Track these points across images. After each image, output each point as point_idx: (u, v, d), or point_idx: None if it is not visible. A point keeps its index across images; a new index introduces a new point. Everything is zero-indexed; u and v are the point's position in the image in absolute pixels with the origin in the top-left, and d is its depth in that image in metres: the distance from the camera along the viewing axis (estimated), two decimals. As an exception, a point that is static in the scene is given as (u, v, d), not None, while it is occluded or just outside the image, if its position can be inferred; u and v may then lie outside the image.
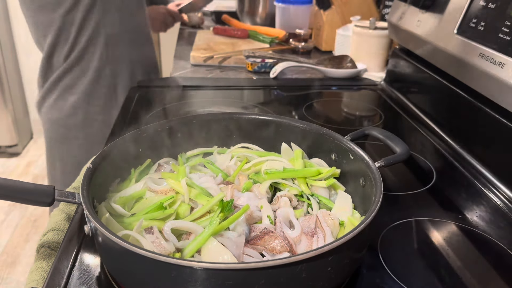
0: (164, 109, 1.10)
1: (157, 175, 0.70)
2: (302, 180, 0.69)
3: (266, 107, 1.15)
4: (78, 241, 0.64)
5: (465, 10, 0.90)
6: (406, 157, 0.69)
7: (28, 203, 0.55)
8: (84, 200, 0.53)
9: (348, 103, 1.28)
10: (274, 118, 0.78)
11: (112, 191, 0.67)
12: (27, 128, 3.22)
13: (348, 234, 0.49)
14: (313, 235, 0.57)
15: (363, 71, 1.39)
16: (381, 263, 0.61)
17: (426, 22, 1.04)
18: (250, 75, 1.39)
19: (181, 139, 0.77)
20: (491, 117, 0.83)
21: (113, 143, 0.67)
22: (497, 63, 0.77)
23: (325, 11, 1.59)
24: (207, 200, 0.61)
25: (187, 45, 1.73)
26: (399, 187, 0.81)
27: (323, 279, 0.51)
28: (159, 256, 0.45)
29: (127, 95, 1.20)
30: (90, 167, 0.60)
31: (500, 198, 0.77)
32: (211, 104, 1.18)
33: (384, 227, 0.68)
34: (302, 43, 1.64)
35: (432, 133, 1.02)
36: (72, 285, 0.56)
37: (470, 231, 0.69)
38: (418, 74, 1.13)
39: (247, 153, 0.76)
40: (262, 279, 0.46)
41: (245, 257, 0.54)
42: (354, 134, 0.74)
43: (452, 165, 0.89)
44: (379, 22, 1.40)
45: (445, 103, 1.01)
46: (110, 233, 0.48)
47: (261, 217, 0.60)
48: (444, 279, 0.59)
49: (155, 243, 0.53)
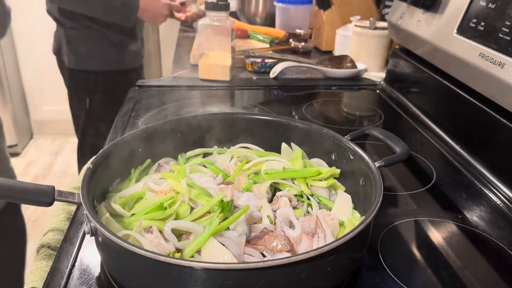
0: (164, 109, 1.10)
1: (157, 175, 0.70)
2: (302, 180, 0.69)
3: (266, 107, 1.15)
4: (78, 241, 0.64)
5: (465, 10, 0.90)
6: (406, 157, 0.69)
7: (28, 203, 0.55)
8: (84, 200, 0.53)
9: (348, 103, 1.28)
10: (274, 118, 0.78)
11: (112, 191, 0.67)
12: (27, 128, 3.22)
13: (348, 234, 0.49)
14: (314, 235, 0.57)
15: (363, 71, 1.39)
16: (381, 263, 0.61)
17: (426, 22, 1.04)
18: (250, 75, 1.39)
19: (181, 139, 0.77)
20: (491, 117, 0.83)
21: (113, 143, 0.67)
22: (497, 63, 0.77)
23: (325, 11, 1.59)
24: (207, 200, 0.61)
25: (187, 45, 1.74)
26: (399, 187, 0.81)
27: (323, 279, 0.51)
28: (159, 256, 0.45)
29: (127, 95, 1.20)
30: (90, 167, 0.60)
31: (500, 198, 0.77)
32: (211, 104, 1.18)
33: (384, 227, 0.68)
34: (302, 43, 1.64)
35: (432, 133, 1.02)
36: (72, 285, 0.56)
37: (470, 231, 0.69)
38: (418, 74, 1.13)
39: (247, 153, 0.76)
40: (262, 279, 0.46)
41: (246, 257, 0.54)
42: (354, 134, 0.74)
43: (452, 165, 0.89)
44: (379, 22, 1.40)
45: (445, 103, 1.01)
46: (110, 233, 0.48)
47: (261, 217, 0.60)
48: (444, 279, 0.59)
49: (154, 242, 0.53)
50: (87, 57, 1.77)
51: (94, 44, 1.75)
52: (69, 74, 1.83)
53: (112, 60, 1.81)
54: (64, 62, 1.81)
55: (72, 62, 1.78)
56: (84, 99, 1.84)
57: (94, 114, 1.87)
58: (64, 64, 1.82)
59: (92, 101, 1.85)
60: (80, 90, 1.85)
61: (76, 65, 1.78)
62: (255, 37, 1.73)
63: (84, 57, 1.77)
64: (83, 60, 1.77)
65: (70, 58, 1.77)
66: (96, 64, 1.79)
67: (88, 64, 1.78)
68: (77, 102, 1.88)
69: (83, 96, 1.85)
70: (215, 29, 1.21)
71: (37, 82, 3.10)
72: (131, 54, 1.86)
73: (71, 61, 1.78)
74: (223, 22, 1.21)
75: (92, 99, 1.84)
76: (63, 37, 1.77)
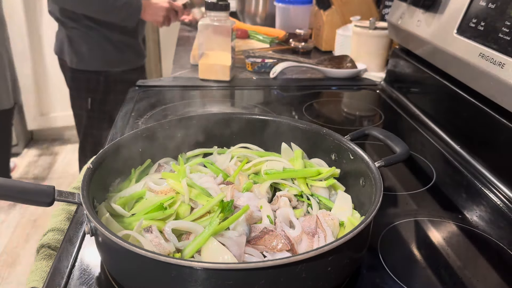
0: (164, 109, 1.10)
1: (157, 175, 0.70)
2: (302, 180, 0.69)
3: (266, 107, 1.15)
4: (78, 241, 0.64)
5: (465, 10, 0.90)
6: (406, 157, 0.69)
7: (28, 203, 0.55)
8: (84, 200, 0.53)
9: (348, 103, 1.28)
10: (274, 118, 0.78)
11: (112, 191, 0.67)
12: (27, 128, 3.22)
13: (348, 234, 0.49)
14: (314, 235, 0.57)
15: (363, 71, 1.39)
16: (381, 263, 0.61)
17: (426, 22, 1.04)
18: (250, 75, 1.39)
19: (181, 139, 0.77)
20: (491, 117, 0.83)
21: (113, 143, 0.67)
22: (497, 63, 0.77)
23: (325, 11, 1.59)
24: (207, 200, 0.61)
25: (187, 45, 1.74)
26: (399, 187, 0.81)
27: (323, 279, 0.51)
28: (159, 256, 0.45)
29: (127, 95, 1.20)
30: (90, 167, 0.60)
31: (500, 198, 0.77)
32: (211, 104, 1.18)
33: (384, 227, 0.68)
34: (302, 43, 1.64)
35: (432, 133, 1.02)
36: (72, 285, 0.56)
37: (470, 231, 0.69)
38: (418, 74, 1.14)
39: (247, 153, 0.76)
40: (262, 279, 0.46)
41: (246, 257, 0.54)
42: (354, 134, 0.74)
43: (452, 165, 0.89)
44: (379, 22, 1.40)
45: (445, 103, 1.01)
46: (110, 233, 0.48)
47: (261, 217, 0.60)
48: (444, 279, 0.59)
49: (154, 242, 0.53)
50: (89, 57, 1.78)
51: (96, 44, 1.76)
52: (71, 74, 1.84)
53: (113, 60, 1.81)
54: (66, 62, 1.82)
55: (74, 62, 1.79)
56: (86, 98, 1.86)
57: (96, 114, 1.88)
58: (66, 64, 1.83)
59: (94, 101, 1.86)
60: (82, 90, 1.86)
61: (78, 65, 1.79)
62: (255, 37, 1.73)
63: (86, 57, 1.77)
64: (84, 60, 1.78)
65: (72, 58, 1.78)
66: (97, 64, 1.80)
67: (89, 64, 1.79)
68: (79, 101, 1.89)
69: (84, 96, 1.86)
70: (215, 29, 1.22)
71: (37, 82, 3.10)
72: (132, 54, 1.87)
73: (73, 61, 1.79)
74: (223, 22, 1.21)
75: (94, 99, 1.85)
76: (65, 37, 1.78)
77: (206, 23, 1.22)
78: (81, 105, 1.89)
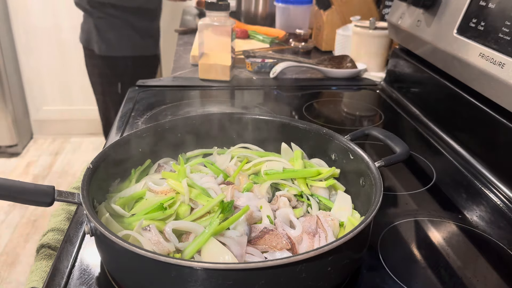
0: (164, 109, 1.10)
1: (157, 176, 0.70)
2: (302, 181, 0.69)
3: (266, 107, 1.15)
4: (78, 241, 0.64)
5: (465, 10, 0.90)
6: (406, 157, 0.69)
7: (28, 203, 0.55)
8: (84, 200, 0.53)
9: (348, 103, 1.28)
10: (274, 118, 0.78)
11: (112, 191, 0.67)
12: (27, 128, 3.22)
13: (348, 234, 0.49)
14: (315, 235, 0.57)
15: (363, 71, 1.39)
16: (381, 263, 0.61)
17: (426, 22, 1.04)
18: (250, 75, 1.39)
19: (181, 139, 0.77)
20: (491, 117, 0.83)
21: (113, 143, 0.67)
22: (497, 63, 0.77)
23: (325, 11, 1.59)
24: (207, 200, 0.61)
25: (187, 45, 1.74)
26: (399, 187, 0.81)
27: (323, 279, 0.51)
28: (159, 256, 0.45)
29: (127, 95, 1.20)
30: (90, 167, 0.60)
31: (500, 198, 0.77)
32: (211, 104, 1.18)
33: (384, 227, 0.68)
34: (302, 43, 1.64)
35: (432, 133, 1.02)
36: (72, 285, 0.56)
37: (470, 231, 0.69)
38: (418, 74, 1.13)
39: (247, 153, 0.76)
40: (262, 279, 0.46)
41: (247, 256, 0.54)
42: (354, 134, 0.74)
43: (452, 165, 0.89)
44: (379, 22, 1.40)
45: (445, 103, 1.01)
46: (110, 233, 0.48)
47: (261, 217, 0.60)
48: (444, 279, 0.59)
49: (152, 240, 0.53)
50: (117, 43, 1.93)
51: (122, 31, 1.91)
52: (101, 61, 1.98)
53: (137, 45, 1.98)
54: (94, 51, 1.95)
55: (103, 49, 1.93)
56: (116, 83, 2.01)
57: None
58: (94, 53, 1.96)
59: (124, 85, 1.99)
60: (112, 76, 2.01)
61: (107, 52, 1.94)
62: (255, 37, 1.73)
63: (113, 43, 1.92)
64: (113, 47, 1.93)
65: (101, 46, 1.92)
66: (124, 50, 1.96)
67: (118, 50, 1.94)
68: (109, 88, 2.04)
69: (114, 81, 2.01)
70: (215, 29, 1.22)
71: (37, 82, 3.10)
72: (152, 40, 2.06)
73: (102, 48, 1.93)
74: (223, 22, 1.21)
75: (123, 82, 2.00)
76: (93, 27, 1.91)
77: (206, 23, 1.22)
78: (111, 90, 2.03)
